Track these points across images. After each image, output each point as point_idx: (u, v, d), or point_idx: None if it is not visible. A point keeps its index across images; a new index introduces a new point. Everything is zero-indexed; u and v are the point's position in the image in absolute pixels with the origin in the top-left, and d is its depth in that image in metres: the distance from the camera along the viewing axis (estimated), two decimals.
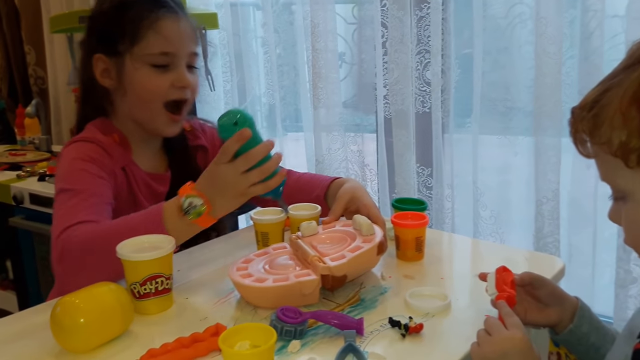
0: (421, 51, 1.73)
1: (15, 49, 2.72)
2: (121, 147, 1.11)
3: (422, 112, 1.76)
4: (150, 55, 1.07)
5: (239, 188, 0.91)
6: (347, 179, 1.20)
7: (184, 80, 1.09)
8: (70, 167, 1.05)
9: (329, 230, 1.02)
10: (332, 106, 1.90)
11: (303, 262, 0.93)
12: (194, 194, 0.90)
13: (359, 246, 0.93)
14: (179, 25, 1.10)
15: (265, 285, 0.87)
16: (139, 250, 0.86)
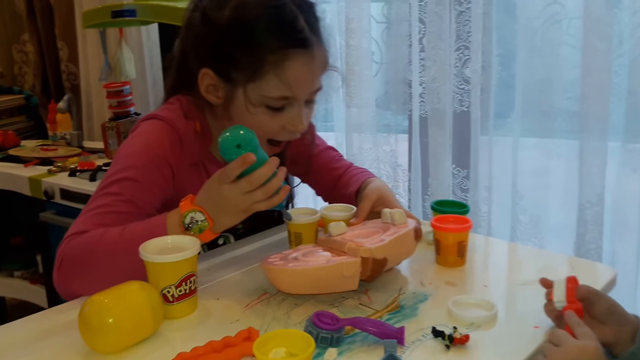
0: (460, 47, 1.67)
1: (49, 45, 2.73)
2: (199, 139, 1.00)
3: (459, 111, 1.70)
4: (267, 98, 0.93)
5: (242, 206, 0.86)
6: (372, 178, 1.14)
7: (299, 125, 0.96)
8: (126, 158, 0.94)
9: (359, 228, 0.99)
10: (364, 104, 1.86)
11: (339, 254, 0.89)
12: (195, 209, 0.85)
13: (396, 231, 0.91)
14: (309, 65, 0.93)
15: (303, 266, 0.83)
16: (164, 252, 0.82)
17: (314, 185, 1.28)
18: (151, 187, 0.94)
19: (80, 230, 0.88)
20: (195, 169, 1.01)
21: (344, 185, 1.17)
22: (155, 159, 0.94)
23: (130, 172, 0.92)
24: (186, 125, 0.98)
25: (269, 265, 0.86)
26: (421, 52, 1.72)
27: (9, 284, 2.12)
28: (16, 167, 1.98)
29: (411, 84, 1.76)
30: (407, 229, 0.92)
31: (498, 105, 1.67)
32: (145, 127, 0.98)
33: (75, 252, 0.87)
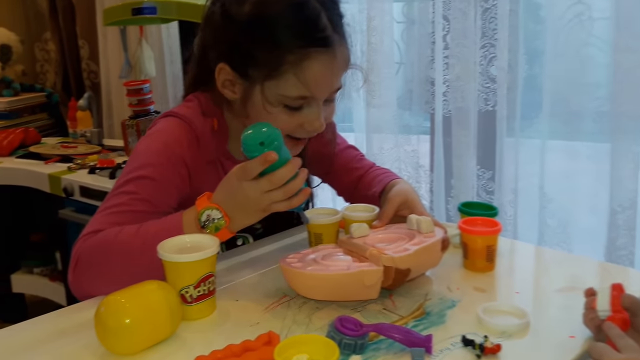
0: (485, 45, 1.63)
1: (70, 43, 2.74)
2: (216, 137, 0.98)
3: (485, 110, 1.65)
4: (285, 97, 0.90)
5: (261, 205, 0.83)
6: (397, 180, 1.10)
7: (317, 125, 0.93)
8: (148, 153, 0.93)
9: (382, 231, 0.95)
10: (385, 104, 1.82)
11: (359, 258, 0.86)
12: (212, 207, 0.83)
13: (422, 240, 0.86)
14: (330, 65, 0.89)
15: (323, 272, 0.80)
16: (183, 251, 0.79)
17: (334, 185, 1.25)
18: (168, 186, 0.92)
19: (96, 229, 0.87)
20: (212, 167, 0.99)
21: (367, 186, 1.14)
22: (173, 157, 0.93)
23: (147, 170, 0.91)
24: (204, 123, 0.96)
25: (286, 266, 0.84)
26: (445, 49, 1.68)
27: (29, 280, 2.12)
28: (36, 164, 1.98)
29: (434, 82, 1.71)
30: (434, 239, 0.87)
31: (524, 105, 1.62)
32: (162, 125, 0.96)
33: (91, 252, 0.86)
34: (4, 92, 2.47)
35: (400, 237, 0.91)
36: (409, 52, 1.86)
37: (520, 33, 1.57)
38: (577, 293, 0.80)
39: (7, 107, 2.40)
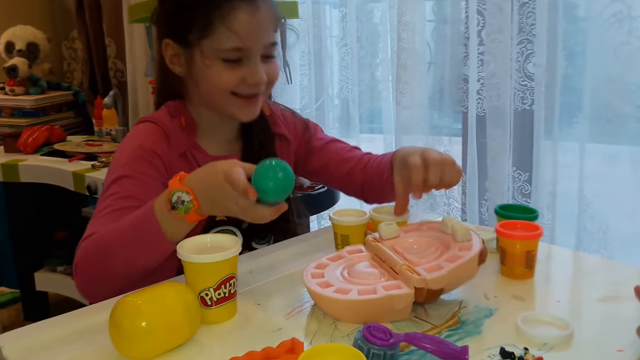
0: (523, 41, 1.55)
1: (97, 41, 2.73)
2: (185, 132, 1.03)
3: (521, 109, 1.58)
4: (220, 50, 0.96)
5: (230, 211, 0.81)
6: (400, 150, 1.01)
7: (257, 76, 0.98)
8: (118, 160, 1.00)
9: (413, 234, 0.89)
10: (415, 103, 1.76)
11: (388, 271, 0.81)
12: (183, 189, 0.81)
13: (457, 255, 0.79)
14: (256, 16, 0.97)
15: (349, 297, 0.75)
16: (203, 251, 0.76)
17: (330, 181, 1.23)
18: (146, 179, 0.96)
19: (89, 234, 0.89)
20: (184, 159, 1.03)
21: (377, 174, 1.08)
22: (144, 153, 0.98)
23: (123, 170, 0.96)
24: (171, 121, 1.03)
25: (310, 285, 0.78)
26: (479, 46, 1.62)
27: (52, 279, 2.11)
28: (61, 162, 1.97)
29: (468, 80, 1.65)
30: (471, 254, 0.79)
31: (563, 105, 1.55)
32: (133, 130, 1.05)
33: (84, 256, 0.88)
34: (31, 90, 2.47)
35: (432, 243, 0.85)
36: (440, 50, 1.80)
37: (560, 29, 1.50)
38: (620, 302, 0.74)
39: (34, 105, 2.40)
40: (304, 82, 2.10)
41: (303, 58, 2.08)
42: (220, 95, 1.00)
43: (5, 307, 2.32)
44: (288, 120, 1.17)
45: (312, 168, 1.18)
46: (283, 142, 1.14)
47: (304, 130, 1.16)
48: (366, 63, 1.99)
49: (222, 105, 1.01)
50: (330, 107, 2.13)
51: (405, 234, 0.89)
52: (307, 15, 2.03)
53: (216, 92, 0.99)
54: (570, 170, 1.58)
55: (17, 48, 2.50)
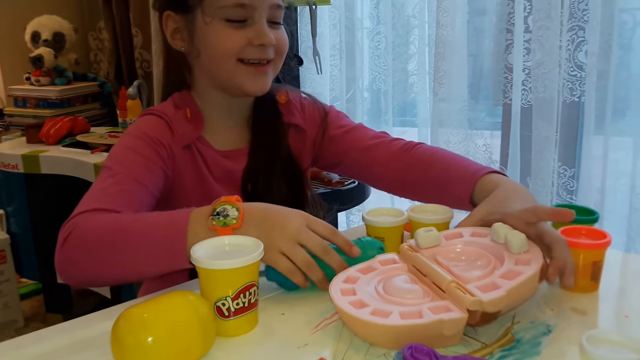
0: (573, 27, 1.43)
1: (123, 31, 2.68)
2: (190, 124, 0.96)
3: (569, 101, 1.46)
4: (222, 8, 0.89)
5: (278, 246, 0.73)
6: (501, 179, 0.88)
7: (264, 36, 0.90)
8: (121, 143, 0.92)
9: (458, 242, 0.76)
10: (453, 94, 1.65)
11: (431, 287, 0.69)
12: (235, 205, 0.75)
13: (515, 271, 0.67)
14: None
15: (390, 322, 0.63)
16: (220, 256, 0.66)
17: (349, 172, 1.10)
18: (151, 165, 0.89)
19: (92, 208, 0.80)
20: (189, 152, 0.96)
21: (446, 186, 0.94)
22: (150, 140, 0.91)
23: (128, 152, 0.89)
24: (176, 113, 0.96)
25: (345, 307, 0.66)
26: (526, 33, 1.50)
27: None
28: (83, 154, 1.92)
29: (512, 69, 1.53)
30: (531, 270, 0.67)
31: (616, 97, 1.43)
32: (136, 123, 0.97)
33: (84, 232, 0.77)
34: (57, 80, 2.43)
35: (482, 255, 0.72)
36: (481, 38, 1.69)
37: (616, 14, 1.37)
38: None
39: (59, 95, 2.36)
40: (335, 72, 2.01)
41: (334, 48, 1.98)
42: (225, 62, 0.91)
43: (28, 299, 2.30)
44: (306, 109, 1.06)
45: (333, 159, 1.06)
46: (299, 133, 1.04)
47: (321, 120, 1.05)
48: (401, 52, 1.88)
49: (228, 77, 0.93)
50: (360, 99, 2.04)
51: (447, 241, 0.77)
52: (339, 2, 1.94)
53: (221, 59, 0.91)
54: (620, 166, 1.47)
55: (43, 38, 2.46)
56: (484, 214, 0.80)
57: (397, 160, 0.99)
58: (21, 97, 2.40)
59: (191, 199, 0.94)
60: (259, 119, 1.01)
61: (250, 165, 0.98)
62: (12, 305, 2.01)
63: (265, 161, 0.98)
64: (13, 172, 1.95)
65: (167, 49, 0.99)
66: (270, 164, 0.98)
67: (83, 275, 0.80)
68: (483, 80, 1.75)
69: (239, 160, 0.99)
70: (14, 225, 2.08)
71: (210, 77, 0.96)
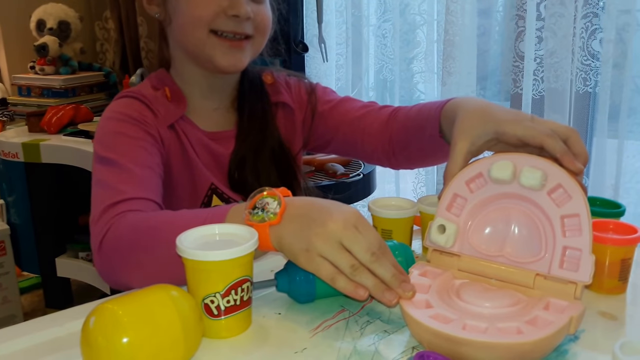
0: (588, 14, 1.38)
1: (129, 21, 2.65)
2: (171, 103, 0.90)
3: (583, 91, 1.41)
4: None
5: (318, 246, 0.61)
6: (462, 99, 0.80)
7: (239, 6, 0.84)
8: (106, 129, 0.86)
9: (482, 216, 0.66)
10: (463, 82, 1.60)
11: (504, 286, 0.62)
12: (278, 198, 0.65)
13: (571, 221, 0.60)
14: None
15: (495, 339, 0.54)
16: (209, 246, 0.61)
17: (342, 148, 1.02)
18: (147, 146, 0.84)
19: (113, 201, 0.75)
20: (173, 132, 0.90)
21: (418, 127, 0.88)
22: (136, 121, 0.85)
23: (120, 137, 0.83)
24: (154, 94, 0.90)
25: (410, 316, 0.57)
26: (538, 20, 1.44)
27: (73, 265, 2.03)
28: (84, 142, 1.88)
29: (524, 57, 1.48)
30: (581, 203, 0.59)
31: (633, 88, 1.37)
32: (110, 105, 0.91)
33: (119, 233, 0.72)
34: (61, 69, 2.40)
35: (508, 209, 0.64)
36: (492, 29, 1.63)
37: (636, 2, 1.31)
38: None
39: (63, 84, 2.33)
40: (340, 60, 1.96)
41: (340, 36, 1.93)
42: (196, 31, 0.85)
43: (27, 293, 2.27)
44: (292, 87, 1.01)
45: (323, 137, 1.01)
46: (286, 111, 0.99)
47: (309, 95, 1.00)
48: (409, 40, 1.83)
49: (198, 48, 0.87)
50: (365, 95, 1.99)
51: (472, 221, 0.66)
52: None
53: (191, 27, 0.85)
54: (635, 162, 1.41)
55: (48, 26, 2.43)
56: (469, 143, 0.69)
57: (387, 127, 0.94)
58: (25, 86, 2.37)
59: (179, 183, 0.90)
60: (245, 100, 0.96)
61: (237, 151, 0.93)
62: (12, 299, 1.98)
63: (252, 147, 0.93)
64: (13, 161, 1.92)
65: (159, 28, 0.94)
66: (258, 149, 0.94)
67: (125, 277, 0.73)
68: (492, 74, 1.70)
69: (225, 144, 0.94)
70: (14, 216, 2.06)
71: (182, 49, 0.90)
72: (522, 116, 0.69)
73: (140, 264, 0.71)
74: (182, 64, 0.92)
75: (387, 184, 1.91)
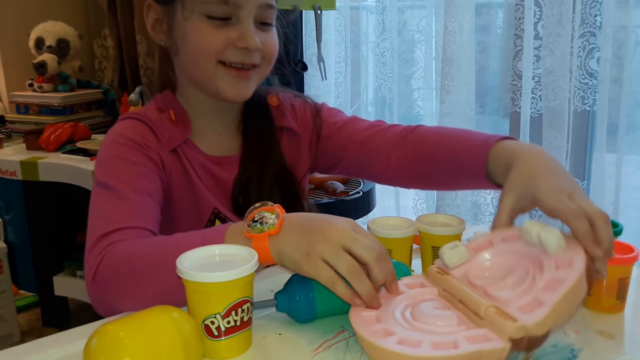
0: (585, 34, 1.39)
1: (128, 39, 2.66)
2: (176, 126, 0.89)
3: (581, 109, 1.42)
4: (204, 3, 0.82)
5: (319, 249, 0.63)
6: (516, 145, 0.79)
7: (248, 38, 0.83)
8: (107, 152, 0.85)
9: (489, 253, 0.68)
10: (462, 100, 1.60)
11: (466, 313, 0.62)
12: (275, 213, 0.67)
13: (557, 278, 0.59)
14: None
15: (422, 353, 0.55)
16: (209, 268, 0.61)
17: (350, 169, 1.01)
18: (147, 172, 0.83)
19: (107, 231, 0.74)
20: (176, 157, 0.90)
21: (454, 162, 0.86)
22: (137, 145, 0.85)
23: (120, 162, 0.83)
24: (159, 116, 0.90)
25: (369, 337, 0.59)
26: (535, 39, 1.46)
27: (71, 283, 2.01)
28: (82, 160, 1.87)
29: (521, 76, 1.49)
30: (575, 272, 0.59)
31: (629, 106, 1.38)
32: (114, 127, 0.90)
33: (113, 262, 0.72)
34: (60, 87, 2.40)
35: (519, 263, 0.64)
36: (490, 47, 1.65)
37: (631, 19, 1.33)
38: None
39: (62, 102, 2.33)
40: (339, 78, 1.97)
41: (339, 54, 1.95)
42: (205, 63, 0.85)
43: (25, 312, 2.25)
44: (298, 110, 1.00)
45: (331, 159, 1.00)
46: (291, 135, 0.98)
47: (314, 118, 0.98)
48: (407, 59, 1.84)
49: (206, 78, 0.86)
50: (365, 112, 2.00)
51: (477, 254, 0.69)
52: (344, 11, 1.90)
53: (200, 58, 0.85)
54: (635, 179, 1.41)
55: (47, 44, 2.44)
56: (514, 200, 0.70)
57: (399, 148, 0.92)
58: (23, 104, 2.37)
59: (181, 207, 0.89)
60: (250, 125, 0.96)
61: (241, 174, 0.93)
62: (8, 318, 1.96)
63: (257, 171, 0.92)
64: (11, 179, 1.92)
65: (160, 49, 0.93)
66: (262, 174, 0.93)
67: (120, 307, 0.72)
68: (490, 91, 1.71)
69: (229, 168, 0.93)
70: (11, 234, 2.05)
71: (188, 77, 0.90)
72: (563, 188, 0.68)
73: (138, 291, 0.70)
74: (187, 89, 0.92)
75: (387, 201, 1.91)
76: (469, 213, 1.68)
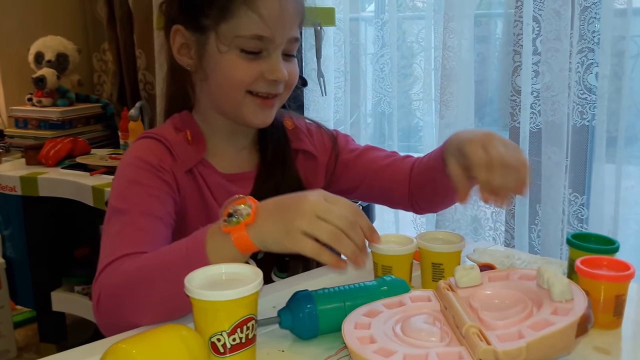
0: (583, 50, 1.40)
1: (127, 53, 2.67)
2: (191, 147, 0.92)
3: (580, 124, 1.43)
4: (240, 37, 0.85)
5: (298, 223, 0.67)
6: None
7: (278, 72, 0.87)
8: (123, 175, 0.88)
9: (500, 284, 0.71)
10: (461, 117, 1.61)
11: (454, 330, 0.64)
12: (247, 204, 0.71)
13: (547, 321, 0.61)
14: (284, 2, 0.87)
15: None
16: (216, 286, 0.62)
17: (367, 195, 1.07)
18: (160, 194, 0.86)
19: (115, 257, 0.77)
20: (191, 177, 0.92)
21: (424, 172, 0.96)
22: (152, 168, 0.88)
23: (131, 186, 0.86)
24: (176, 136, 0.93)
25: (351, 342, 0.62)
26: (534, 55, 1.47)
27: (69, 299, 2.00)
28: (82, 176, 1.88)
29: (520, 92, 1.50)
30: (566, 321, 0.60)
31: (628, 121, 1.39)
32: (131, 147, 0.94)
33: (112, 287, 0.76)
34: (59, 101, 2.41)
35: (522, 300, 0.66)
36: (489, 59, 1.66)
37: (630, 35, 1.34)
38: None
39: (61, 117, 2.33)
40: (339, 93, 1.98)
41: (338, 69, 1.96)
42: (234, 92, 0.88)
43: (21, 327, 2.24)
44: (314, 134, 1.04)
45: (349, 184, 1.04)
46: (309, 160, 1.01)
47: (332, 145, 1.03)
48: (406, 74, 1.85)
49: (233, 106, 0.89)
50: (364, 124, 2.01)
51: (490, 282, 0.71)
52: (343, 24, 1.92)
53: (229, 88, 0.87)
54: (634, 193, 1.42)
55: (46, 59, 2.45)
56: (455, 162, 0.81)
57: (410, 176, 0.99)
58: (22, 118, 2.38)
59: (196, 227, 0.90)
60: (267, 142, 0.98)
61: (256, 190, 0.94)
62: (6, 334, 1.95)
63: (273, 187, 0.94)
64: (10, 195, 1.92)
65: (172, 65, 0.95)
66: (279, 191, 0.94)
67: (127, 327, 0.75)
68: (489, 104, 1.72)
69: (244, 185, 0.95)
70: (10, 249, 2.04)
71: (214, 103, 0.92)
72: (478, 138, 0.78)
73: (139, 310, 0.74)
74: (207, 110, 0.94)
75: (387, 215, 1.91)
76: (469, 227, 1.68)
